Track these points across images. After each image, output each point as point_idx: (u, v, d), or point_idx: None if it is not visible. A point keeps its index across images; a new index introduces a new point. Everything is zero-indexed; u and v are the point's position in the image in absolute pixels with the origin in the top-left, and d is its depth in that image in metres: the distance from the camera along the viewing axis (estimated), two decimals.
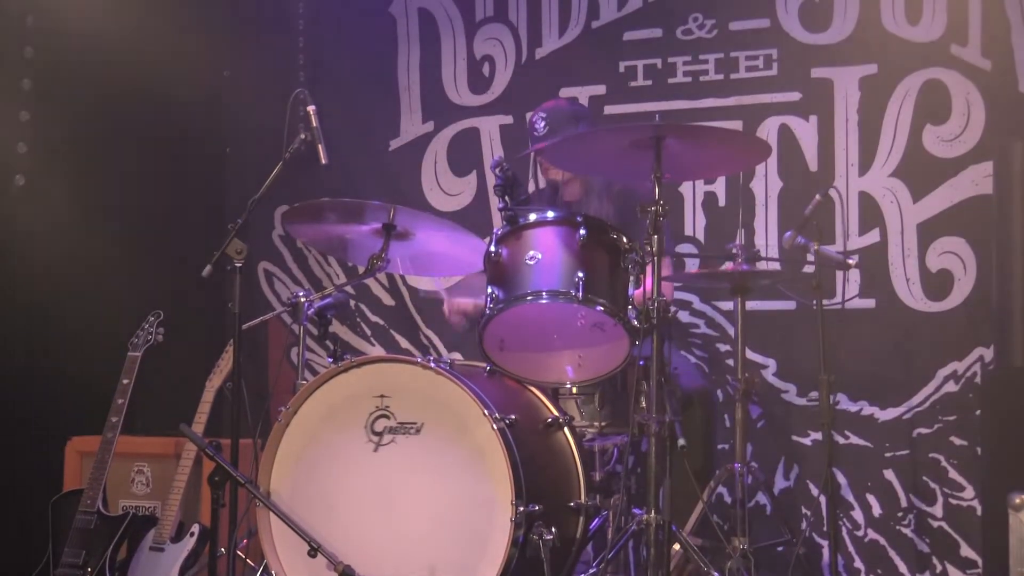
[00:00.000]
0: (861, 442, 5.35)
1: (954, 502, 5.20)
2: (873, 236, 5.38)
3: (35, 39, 5.55)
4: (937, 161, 5.30)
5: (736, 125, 5.55)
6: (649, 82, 5.78)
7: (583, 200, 5.06)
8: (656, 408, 3.82)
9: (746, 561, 4.29)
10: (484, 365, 4.28)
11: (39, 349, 5.45)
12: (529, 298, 4.08)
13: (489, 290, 4.13)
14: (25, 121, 5.53)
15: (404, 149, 6.25)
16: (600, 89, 5.86)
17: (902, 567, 5.25)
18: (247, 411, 4.24)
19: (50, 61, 5.58)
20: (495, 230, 4.22)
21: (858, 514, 5.33)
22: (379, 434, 4.05)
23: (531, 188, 5.31)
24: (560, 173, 5.04)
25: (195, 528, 4.82)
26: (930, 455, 5.24)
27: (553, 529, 3.89)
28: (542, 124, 4.97)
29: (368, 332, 6.25)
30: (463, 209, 6.06)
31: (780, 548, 4.75)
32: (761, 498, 5.21)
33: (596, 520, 4.32)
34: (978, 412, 4.95)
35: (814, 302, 4.50)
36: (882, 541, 5.30)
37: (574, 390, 4.43)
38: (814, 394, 5.24)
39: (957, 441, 5.20)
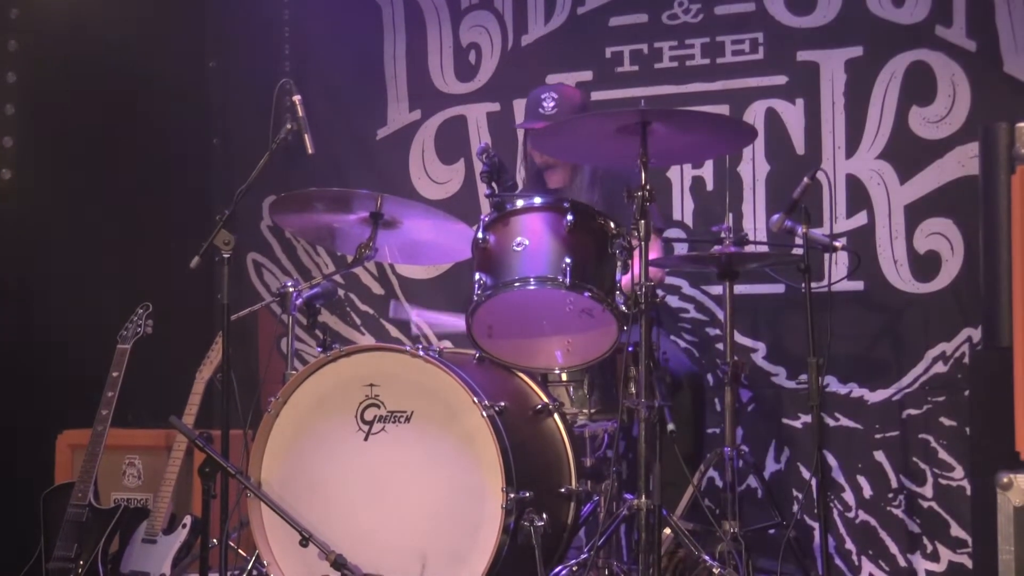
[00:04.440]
0: (851, 424, 5.36)
1: (944, 482, 5.22)
2: (861, 218, 5.39)
3: (19, 33, 5.54)
4: (923, 143, 5.31)
5: (723, 109, 5.55)
6: (635, 67, 5.78)
7: (569, 188, 5.05)
8: (645, 393, 3.83)
9: (737, 544, 4.29)
10: (473, 353, 4.28)
11: (28, 343, 5.45)
12: (517, 284, 4.08)
13: (477, 277, 4.12)
14: (10, 115, 5.52)
15: (391, 138, 6.24)
16: (587, 75, 5.86)
17: (893, 548, 5.27)
18: (237, 402, 4.24)
19: (35, 54, 5.57)
20: (482, 216, 4.22)
21: (849, 496, 5.35)
22: (369, 423, 4.06)
23: (519, 166, 5.29)
24: (548, 158, 5.03)
25: (187, 520, 4.83)
26: (920, 436, 5.26)
27: (544, 515, 3.90)
28: (551, 104, 4.90)
29: (357, 321, 6.25)
30: (451, 197, 6.06)
31: (771, 531, 4.75)
32: (752, 481, 5.21)
33: (587, 506, 4.33)
34: (967, 392, 4.96)
35: (802, 285, 4.50)
36: (873, 522, 5.32)
37: (563, 376, 4.44)
38: (804, 377, 5.23)
39: (946, 422, 5.22)
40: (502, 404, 3.98)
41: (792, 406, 5.46)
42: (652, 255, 4.01)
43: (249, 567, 4.35)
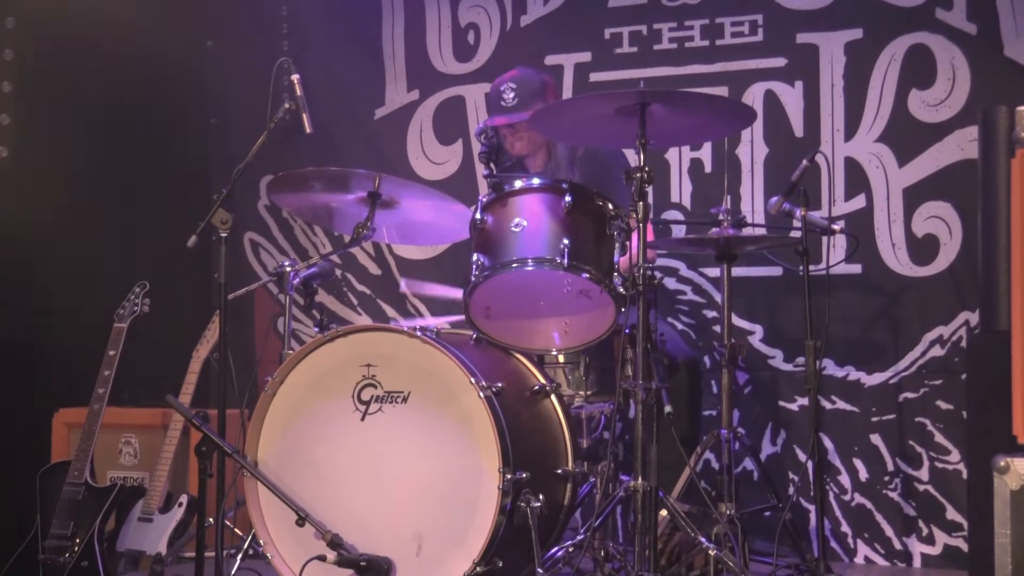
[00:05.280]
0: (848, 407, 5.36)
1: (940, 465, 5.22)
2: (859, 201, 5.39)
3: (16, 10, 5.52)
4: (922, 126, 5.30)
5: (721, 91, 5.53)
6: (634, 49, 5.77)
7: (547, 171, 5.03)
8: (643, 375, 3.83)
9: (733, 527, 4.30)
10: (471, 333, 4.28)
11: (25, 321, 5.44)
12: (515, 265, 4.07)
13: (475, 257, 4.12)
14: (7, 92, 5.50)
15: (389, 118, 6.23)
16: (585, 56, 5.84)
17: (888, 531, 5.28)
18: (234, 381, 4.23)
19: (32, 32, 5.55)
20: (480, 197, 4.21)
21: (845, 478, 5.35)
22: (366, 403, 4.05)
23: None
24: (525, 147, 5.01)
25: (183, 499, 4.83)
26: (916, 419, 5.26)
27: (541, 496, 3.90)
28: (511, 95, 4.88)
29: (354, 301, 6.25)
30: (449, 177, 6.05)
31: (767, 513, 4.77)
32: (748, 464, 5.23)
33: (584, 487, 4.34)
34: (964, 376, 4.96)
35: (800, 268, 4.51)
36: (868, 505, 5.32)
37: (560, 358, 4.43)
38: (801, 360, 5.24)
39: (943, 405, 5.22)
40: (499, 385, 3.97)
41: (789, 389, 5.46)
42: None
43: (245, 546, 4.36)
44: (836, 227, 4.74)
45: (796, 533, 4.65)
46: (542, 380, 4.28)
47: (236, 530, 4.62)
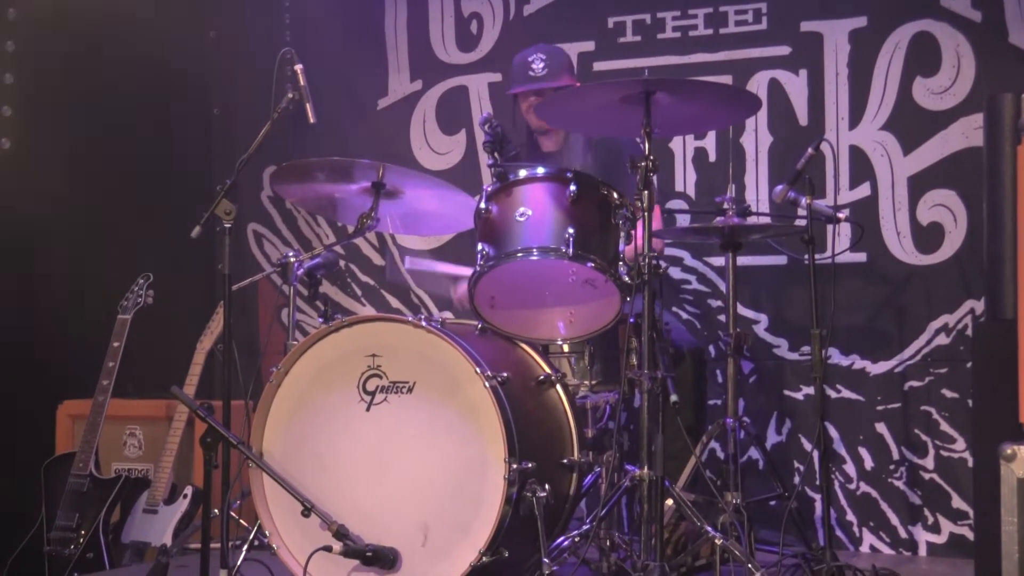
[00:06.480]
0: (853, 396, 5.36)
1: (945, 454, 5.22)
2: (864, 190, 5.38)
3: (18, 1, 5.51)
4: (927, 114, 5.29)
5: (725, 80, 5.52)
6: (638, 38, 5.76)
7: (561, 152, 5.03)
8: (648, 364, 3.82)
9: (739, 516, 4.30)
10: (475, 323, 4.27)
11: (28, 313, 5.44)
12: (519, 255, 4.06)
13: (479, 247, 4.11)
14: (9, 84, 5.49)
15: (393, 108, 6.22)
16: (589, 45, 5.83)
17: (894, 519, 5.28)
18: (238, 372, 4.22)
19: (34, 23, 5.54)
20: (485, 187, 4.20)
21: (850, 467, 5.35)
22: (371, 393, 4.04)
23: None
24: (543, 123, 5.01)
25: (188, 490, 4.83)
26: (921, 408, 5.26)
27: (546, 486, 3.89)
28: (541, 65, 4.91)
29: (358, 292, 6.25)
30: (453, 167, 6.04)
31: (773, 502, 4.75)
32: (753, 453, 5.22)
33: (589, 477, 4.33)
34: (969, 364, 4.95)
35: (805, 256, 4.49)
36: (874, 494, 5.32)
37: (565, 347, 4.43)
38: (806, 348, 5.24)
39: (948, 393, 5.21)
40: (505, 375, 3.96)
41: (794, 378, 5.45)
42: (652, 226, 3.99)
43: (251, 537, 4.35)
44: (841, 215, 4.73)
45: (802, 522, 4.65)
46: (547, 370, 4.27)
47: (242, 521, 4.62)
